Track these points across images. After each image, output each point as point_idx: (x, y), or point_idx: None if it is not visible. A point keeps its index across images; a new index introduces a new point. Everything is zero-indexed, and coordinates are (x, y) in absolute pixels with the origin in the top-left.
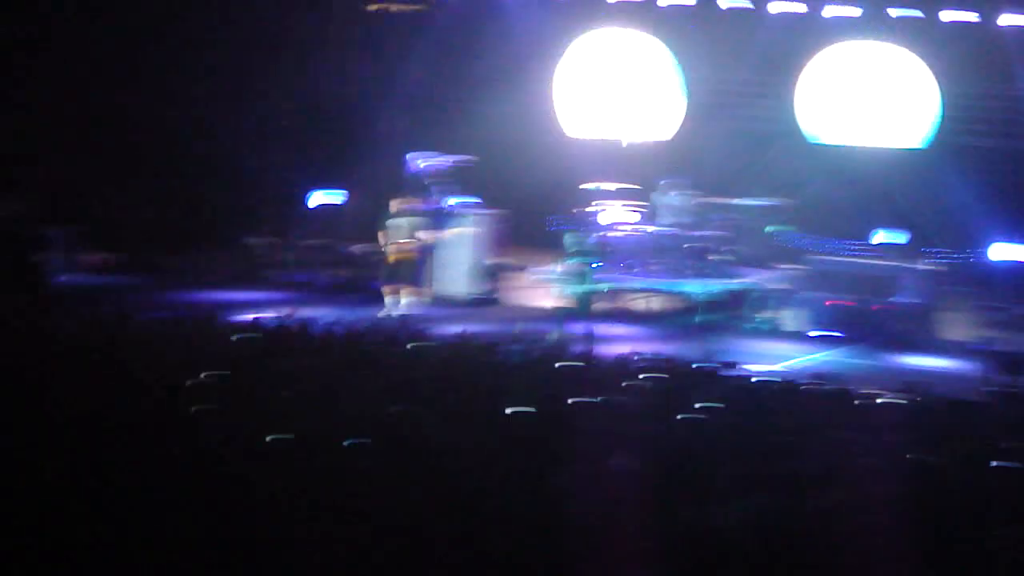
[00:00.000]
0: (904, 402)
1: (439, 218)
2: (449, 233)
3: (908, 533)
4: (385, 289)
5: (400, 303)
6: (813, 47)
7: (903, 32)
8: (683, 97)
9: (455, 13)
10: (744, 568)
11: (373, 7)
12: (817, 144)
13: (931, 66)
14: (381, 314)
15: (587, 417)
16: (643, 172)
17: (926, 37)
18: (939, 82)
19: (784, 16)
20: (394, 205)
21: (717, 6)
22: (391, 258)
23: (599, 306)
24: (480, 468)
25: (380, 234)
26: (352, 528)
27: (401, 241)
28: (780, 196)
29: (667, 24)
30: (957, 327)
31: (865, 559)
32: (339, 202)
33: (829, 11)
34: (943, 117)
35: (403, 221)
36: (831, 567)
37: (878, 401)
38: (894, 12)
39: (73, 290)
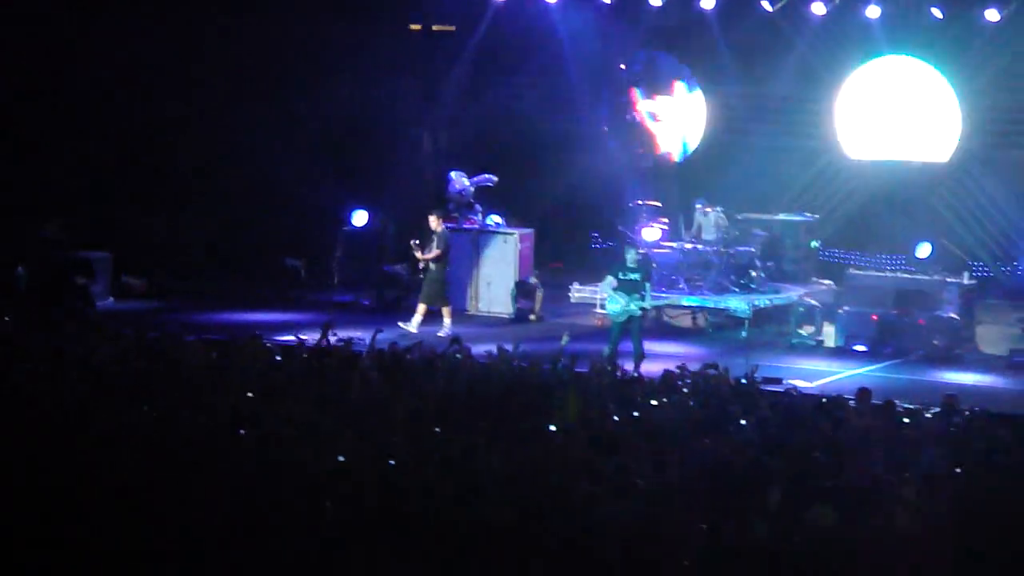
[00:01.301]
0: (949, 416)
1: (479, 235)
2: (489, 250)
3: (960, 546)
4: (420, 308)
5: (444, 320)
6: (848, 63)
7: (934, 44)
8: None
9: (497, 31)
10: None
11: (414, 27)
12: (856, 159)
13: (963, 78)
14: (440, 333)
15: (634, 433)
16: (684, 189)
17: (957, 49)
18: (973, 95)
19: (821, 30)
20: (433, 222)
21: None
22: (429, 276)
23: (645, 322)
24: (525, 487)
25: (418, 253)
26: (401, 549)
27: (434, 257)
28: (821, 211)
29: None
30: (999, 340)
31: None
32: (379, 221)
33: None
34: (980, 130)
35: (437, 239)
36: None
37: (925, 415)
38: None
39: (117, 314)
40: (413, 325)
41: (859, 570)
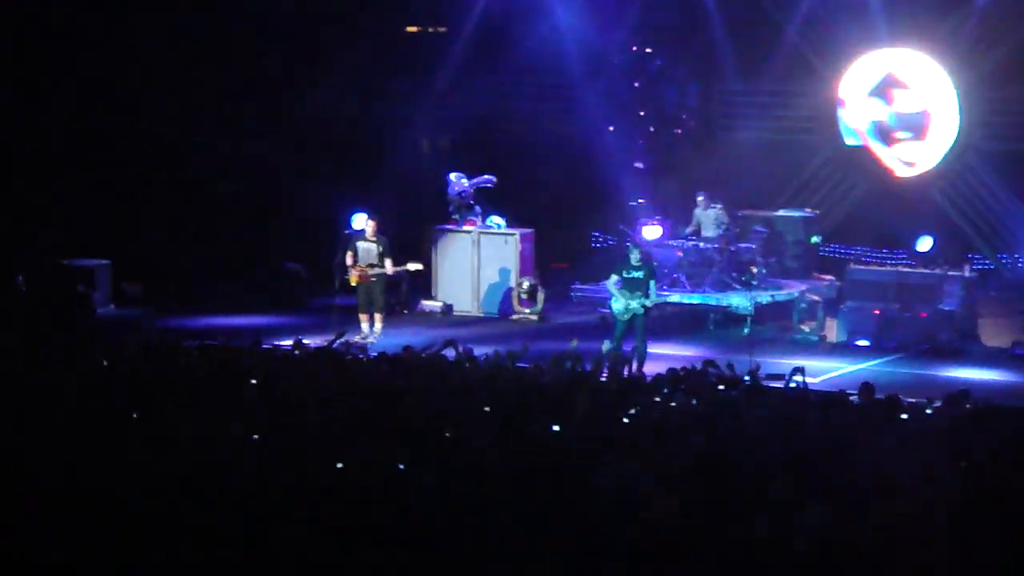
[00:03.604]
0: (953, 411)
1: (480, 236)
2: (490, 251)
3: (966, 544)
4: (362, 315)
5: (374, 328)
6: (846, 54)
7: (932, 35)
8: None
9: (490, 29)
10: None
11: (411, 29)
12: (857, 151)
13: (961, 71)
14: (357, 338)
15: (638, 432)
16: (683, 186)
17: (956, 40)
18: (972, 86)
19: (817, 21)
20: (368, 226)
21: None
22: (353, 280)
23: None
24: (529, 488)
25: (349, 255)
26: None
27: (371, 267)
28: (821, 206)
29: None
30: (1001, 333)
31: (923, 571)
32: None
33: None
34: (979, 122)
35: (371, 245)
36: None
37: (927, 411)
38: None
39: (118, 320)
40: (377, 332)
41: (861, 568)
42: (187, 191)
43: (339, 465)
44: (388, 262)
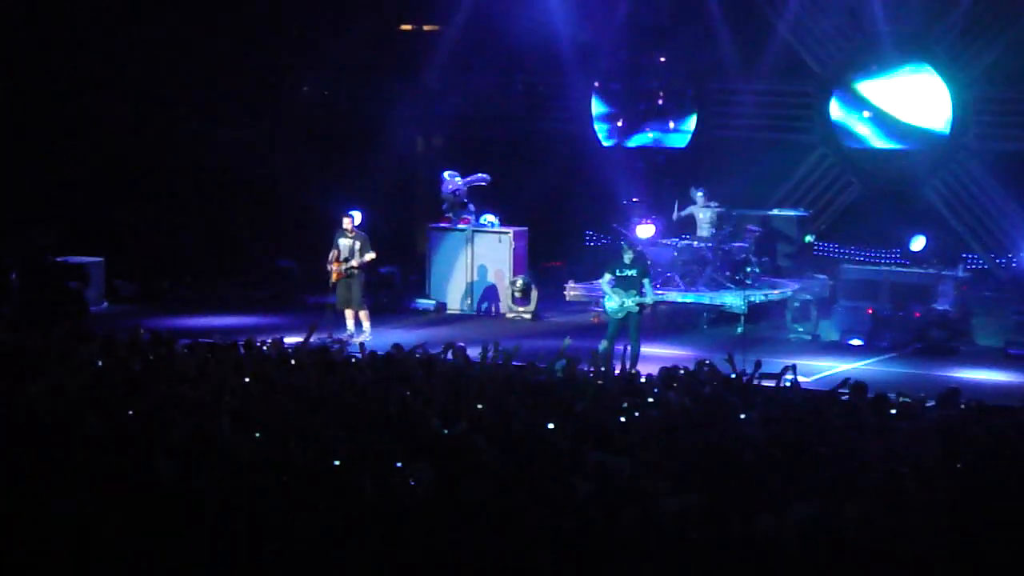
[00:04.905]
0: (946, 409)
1: (473, 235)
2: (483, 249)
3: (956, 541)
4: (346, 312)
5: (362, 326)
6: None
7: (926, 38)
8: None
9: (483, 30)
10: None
11: (405, 27)
12: (850, 150)
13: (956, 72)
14: (344, 336)
15: (634, 430)
16: (677, 186)
17: (947, 42)
18: (965, 87)
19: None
20: (348, 223)
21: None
22: (334, 277)
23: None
24: (523, 484)
25: (333, 252)
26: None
27: (346, 262)
28: (815, 206)
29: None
30: (994, 332)
31: (912, 567)
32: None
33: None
34: (972, 122)
35: (348, 242)
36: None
37: (920, 408)
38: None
39: (111, 318)
40: (367, 331)
41: (855, 563)
42: (181, 190)
43: (335, 463)
44: (367, 255)
